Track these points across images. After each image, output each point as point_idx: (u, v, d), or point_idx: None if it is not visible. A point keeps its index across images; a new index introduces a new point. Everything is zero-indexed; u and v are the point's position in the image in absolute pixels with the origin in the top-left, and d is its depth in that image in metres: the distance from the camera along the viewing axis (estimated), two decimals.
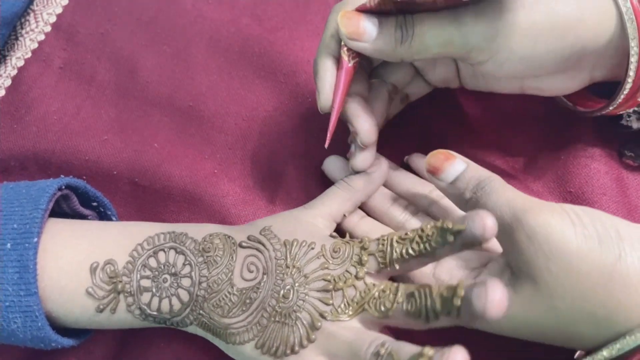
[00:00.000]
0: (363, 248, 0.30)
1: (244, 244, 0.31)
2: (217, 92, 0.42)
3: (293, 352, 0.28)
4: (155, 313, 0.30)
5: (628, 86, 0.30)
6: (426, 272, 0.31)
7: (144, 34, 0.44)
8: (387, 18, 0.30)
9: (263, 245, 0.31)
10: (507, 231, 0.28)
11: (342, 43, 0.31)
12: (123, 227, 0.33)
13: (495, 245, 0.31)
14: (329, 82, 0.31)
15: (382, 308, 0.27)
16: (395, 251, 0.28)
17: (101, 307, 0.30)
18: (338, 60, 0.32)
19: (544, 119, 0.38)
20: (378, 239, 0.30)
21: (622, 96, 0.31)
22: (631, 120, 0.35)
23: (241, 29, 0.44)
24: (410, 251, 0.28)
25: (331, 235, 0.32)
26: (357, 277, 0.29)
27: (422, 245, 0.27)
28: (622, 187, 0.36)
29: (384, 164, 0.36)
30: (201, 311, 0.30)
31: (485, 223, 0.25)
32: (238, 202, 0.39)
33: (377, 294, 0.28)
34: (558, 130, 0.38)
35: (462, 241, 0.26)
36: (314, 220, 0.33)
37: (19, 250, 0.29)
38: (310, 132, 0.41)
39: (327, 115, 0.32)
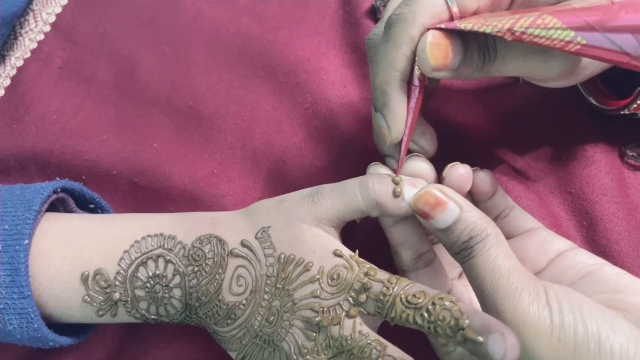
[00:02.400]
0: (367, 275, 0.28)
1: (235, 251, 0.30)
2: (216, 92, 0.42)
3: None
4: (154, 317, 0.30)
5: None
6: None
7: (144, 33, 0.44)
8: (470, 41, 0.27)
9: (256, 255, 0.29)
10: (485, 305, 0.26)
11: (416, 67, 0.27)
12: (109, 229, 0.32)
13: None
14: (404, 115, 0.29)
15: None
16: (395, 311, 0.26)
17: (101, 312, 0.30)
18: (408, 85, 0.28)
19: (544, 119, 0.38)
20: (384, 280, 0.27)
21: None
22: None
23: (241, 28, 0.44)
24: (411, 320, 0.26)
25: (335, 253, 0.29)
26: (348, 315, 0.27)
27: (425, 323, 0.25)
28: (624, 188, 0.36)
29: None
30: (195, 316, 0.30)
31: (508, 348, 0.23)
32: (237, 202, 0.39)
33: (363, 343, 0.26)
34: (558, 131, 0.38)
35: (469, 348, 0.24)
36: (318, 226, 0.30)
37: (10, 252, 0.28)
38: (309, 132, 0.41)
39: (327, 115, 0.31)
